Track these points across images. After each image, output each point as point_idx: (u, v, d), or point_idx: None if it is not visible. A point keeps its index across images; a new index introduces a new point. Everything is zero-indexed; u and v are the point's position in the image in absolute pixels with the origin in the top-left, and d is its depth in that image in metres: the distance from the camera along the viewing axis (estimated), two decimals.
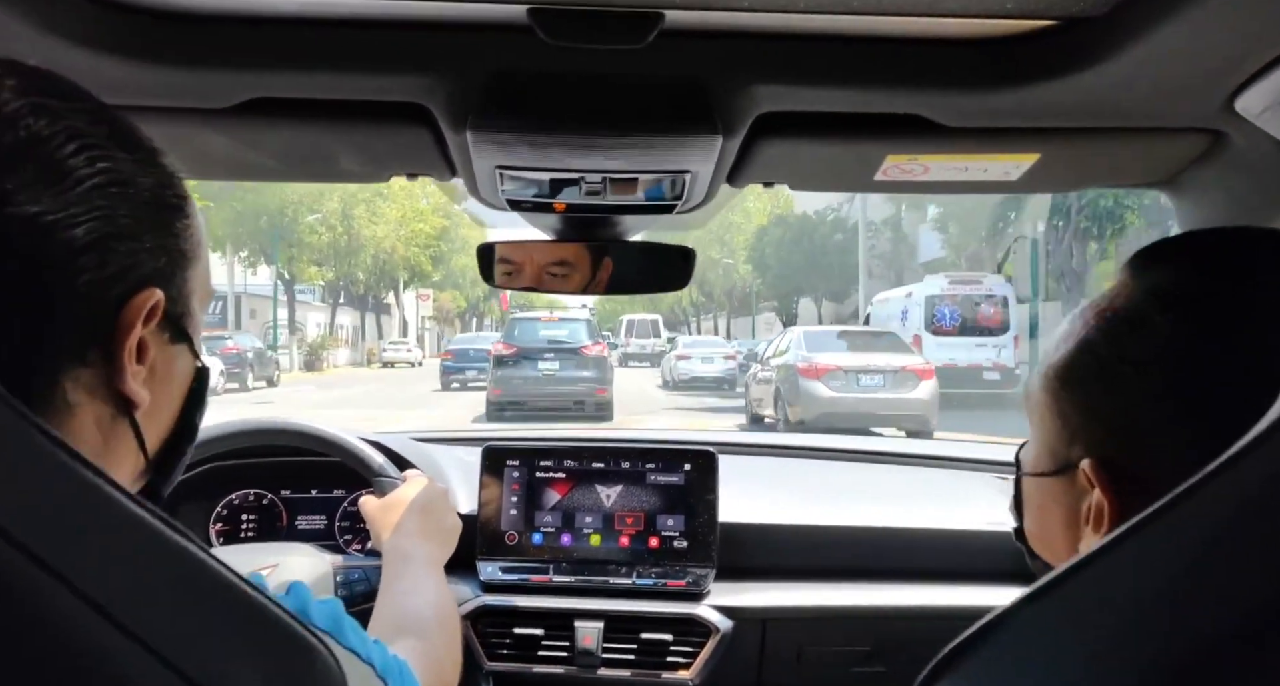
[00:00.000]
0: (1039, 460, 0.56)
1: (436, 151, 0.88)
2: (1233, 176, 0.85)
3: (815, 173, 0.98)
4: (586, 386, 11.73)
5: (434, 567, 0.98)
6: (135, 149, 0.48)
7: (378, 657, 0.55)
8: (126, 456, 0.50)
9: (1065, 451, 0.52)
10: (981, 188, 0.97)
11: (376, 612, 0.86)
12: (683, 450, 1.36)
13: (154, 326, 0.48)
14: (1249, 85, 0.70)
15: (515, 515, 1.35)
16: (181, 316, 0.51)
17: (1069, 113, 0.79)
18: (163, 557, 0.38)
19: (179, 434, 0.54)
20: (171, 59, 0.72)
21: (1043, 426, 0.55)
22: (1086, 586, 0.33)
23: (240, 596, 0.40)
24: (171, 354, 0.51)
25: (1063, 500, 0.53)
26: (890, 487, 1.59)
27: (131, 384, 0.47)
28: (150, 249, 0.48)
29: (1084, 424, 0.51)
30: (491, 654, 1.26)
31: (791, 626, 1.28)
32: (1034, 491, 0.57)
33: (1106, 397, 0.50)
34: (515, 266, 1.20)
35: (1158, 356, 0.47)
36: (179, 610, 0.37)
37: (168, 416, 0.52)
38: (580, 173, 0.90)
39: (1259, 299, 0.47)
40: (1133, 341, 0.49)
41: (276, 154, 0.92)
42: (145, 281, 0.47)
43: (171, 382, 0.52)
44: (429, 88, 0.76)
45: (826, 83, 0.76)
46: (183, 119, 0.80)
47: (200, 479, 1.41)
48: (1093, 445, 0.50)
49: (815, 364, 9.59)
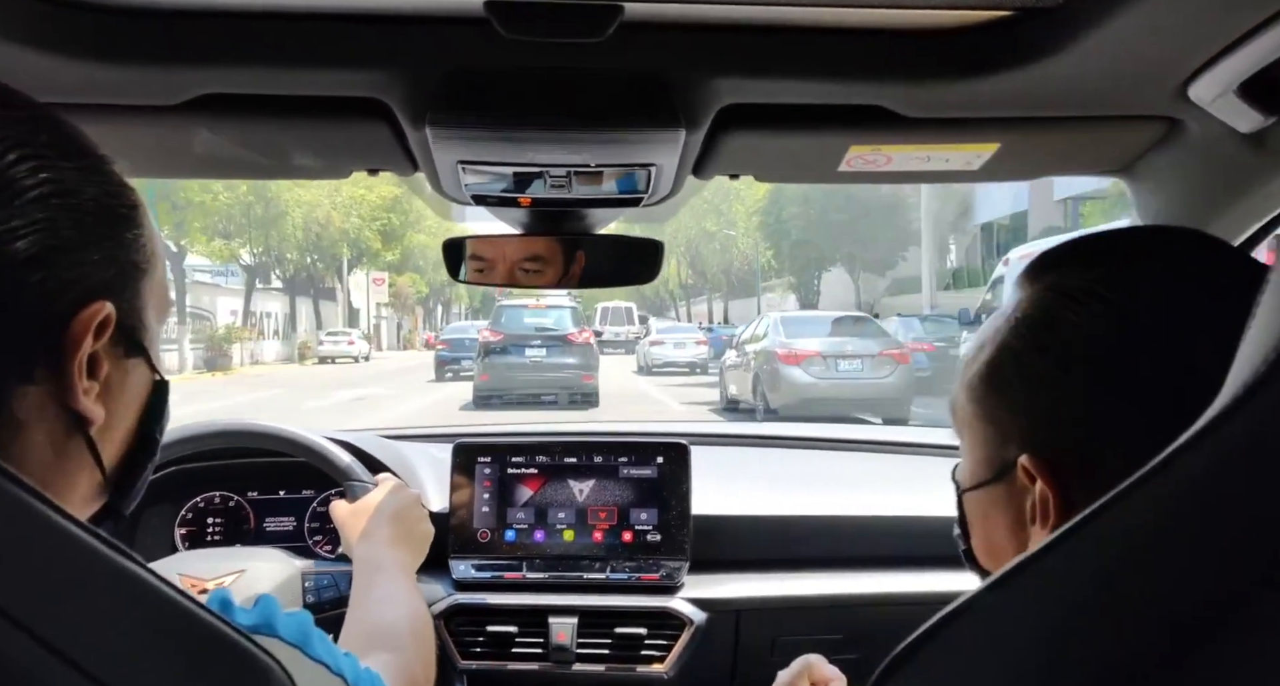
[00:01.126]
0: (976, 471, 0.56)
1: (396, 147, 0.86)
2: (1188, 163, 0.86)
3: (780, 164, 0.98)
4: (573, 374, 11.74)
5: (406, 575, 0.97)
6: (79, 156, 0.47)
7: (349, 670, 0.55)
8: (82, 474, 0.48)
9: (1000, 454, 0.53)
10: (944, 177, 0.98)
11: (348, 624, 0.84)
12: (655, 443, 1.36)
13: (106, 341, 0.47)
14: (1202, 72, 0.71)
15: (487, 512, 1.34)
16: (135, 329, 0.50)
17: (1028, 102, 0.79)
18: (103, 580, 0.36)
19: (138, 450, 0.53)
20: (117, 55, 0.70)
21: (974, 436, 0.56)
22: (1042, 575, 0.33)
23: (186, 618, 0.39)
24: (126, 368, 0.50)
25: (1005, 505, 0.53)
26: (861, 475, 1.61)
27: (83, 400, 0.45)
28: (97, 261, 0.46)
29: (1015, 422, 0.52)
30: (465, 652, 1.25)
31: (765, 617, 1.28)
32: (975, 505, 0.57)
33: (1032, 393, 0.51)
34: (486, 262, 1.19)
35: (1073, 347, 0.49)
36: (118, 633, 0.36)
37: (124, 432, 0.51)
38: (543, 167, 0.89)
39: (1153, 286, 0.49)
40: (1049, 337, 0.50)
41: (230, 151, 0.90)
42: (93, 294, 0.46)
43: (127, 397, 0.51)
44: (386, 83, 0.75)
45: (788, 74, 0.76)
46: (131, 117, 0.78)
47: (164, 482, 1.38)
48: (1027, 442, 0.51)
49: (794, 350, 9.52)
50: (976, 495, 0.56)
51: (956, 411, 0.58)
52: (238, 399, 13.90)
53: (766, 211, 25.55)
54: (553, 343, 11.93)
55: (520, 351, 11.84)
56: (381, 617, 0.85)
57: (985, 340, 0.55)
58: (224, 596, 0.50)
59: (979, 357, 0.55)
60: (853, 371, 9.44)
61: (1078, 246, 0.55)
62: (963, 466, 0.59)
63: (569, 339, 11.97)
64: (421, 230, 33.16)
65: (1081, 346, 0.49)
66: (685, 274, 37.48)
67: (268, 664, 0.43)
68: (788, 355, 9.48)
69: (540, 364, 11.77)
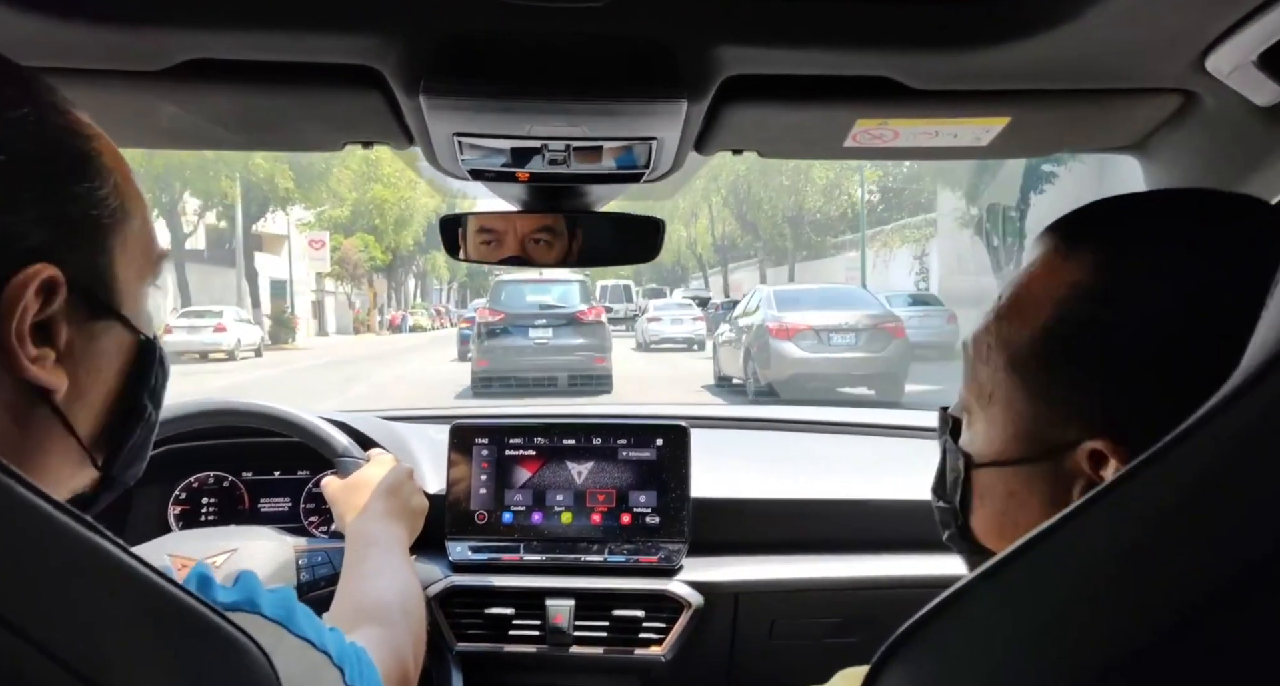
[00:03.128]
0: (1005, 446, 0.51)
1: (391, 117, 0.84)
2: (1203, 138, 0.84)
3: (784, 138, 0.96)
4: (584, 356, 10.31)
5: (399, 550, 0.96)
6: (15, 107, 0.43)
7: (333, 645, 0.53)
8: (55, 445, 0.46)
9: (1050, 433, 0.48)
10: (952, 153, 0.95)
11: (337, 598, 0.83)
12: (655, 425, 1.34)
13: (62, 305, 0.44)
14: (1220, 43, 0.69)
15: (485, 494, 1.33)
16: (101, 290, 0.47)
17: (1039, 74, 0.77)
18: (66, 555, 0.35)
19: (122, 415, 0.50)
20: (102, 17, 0.67)
21: (1009, 410, 0.51)
22: (1039, 562, 0.32)
23: (159, 596, 0.38)
24: (94, 332, 0.47)
25: (1044, 486, 0.49)
26: (862, 459, 1.60)
27: (32, 369, 0.43)
28: (34, 219, 0.43)
29: (1080, 403, 0.47)
30: (461, 634, 1.24)
31: (764, 600, 1.27)
32: (998, 482, 0.53)
33: (1113, 374, 0.46)
34: (483, 240, 1.17)
35: (1162, 324, 0.45)
36: (85, 611, 0.34)
37: (101, 398, 0.48)
38: (542, 140, 0.87)
39: (1235, 252, 0.45)
40: (1133, 311, 0.45)
41: (218, 120, 0.87)
42: (31, 256, 0.42)
43: (98, 362, 0.48)
44: (379, 49, 0.72)
45: (793, 43, 0.74)
46: (116, 82, 0.76)
47: (157, 461, 1.36)
48: (1098, 426, 0.46)
49: (785, 323, 9.25)
50: (1003, 471, 0.52)
51: (980, 380, 0.53)
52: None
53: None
54: (560, 322, 10.43)
55: (524, 332, 10.35)
56: (371, 591, 0.84)
57: (1025, 303, 0.51)
58: (202, 572, 0.48)
59: (1024, 325, 0.50)
60: (846, 345, 9.15)
61: (1126, 207, 0.51)
62: (979, 436, 0.54)
63: (578, 317, 10.47)
64: (379, 180, 27.16)
65: (1167, 325, 0.44)
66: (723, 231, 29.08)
67: (244, 643, 0.41)
68: (779, 329, 9.23)
69: (546, 346, 10.30)
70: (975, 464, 0.55)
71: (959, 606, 0.33)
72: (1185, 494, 0.28)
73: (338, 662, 0.52)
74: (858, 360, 9.15)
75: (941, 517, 0.59)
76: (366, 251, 30.65)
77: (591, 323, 10.51)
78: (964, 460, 0.56)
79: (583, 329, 10.44)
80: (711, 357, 12.06)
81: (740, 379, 10.27)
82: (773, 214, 24.91)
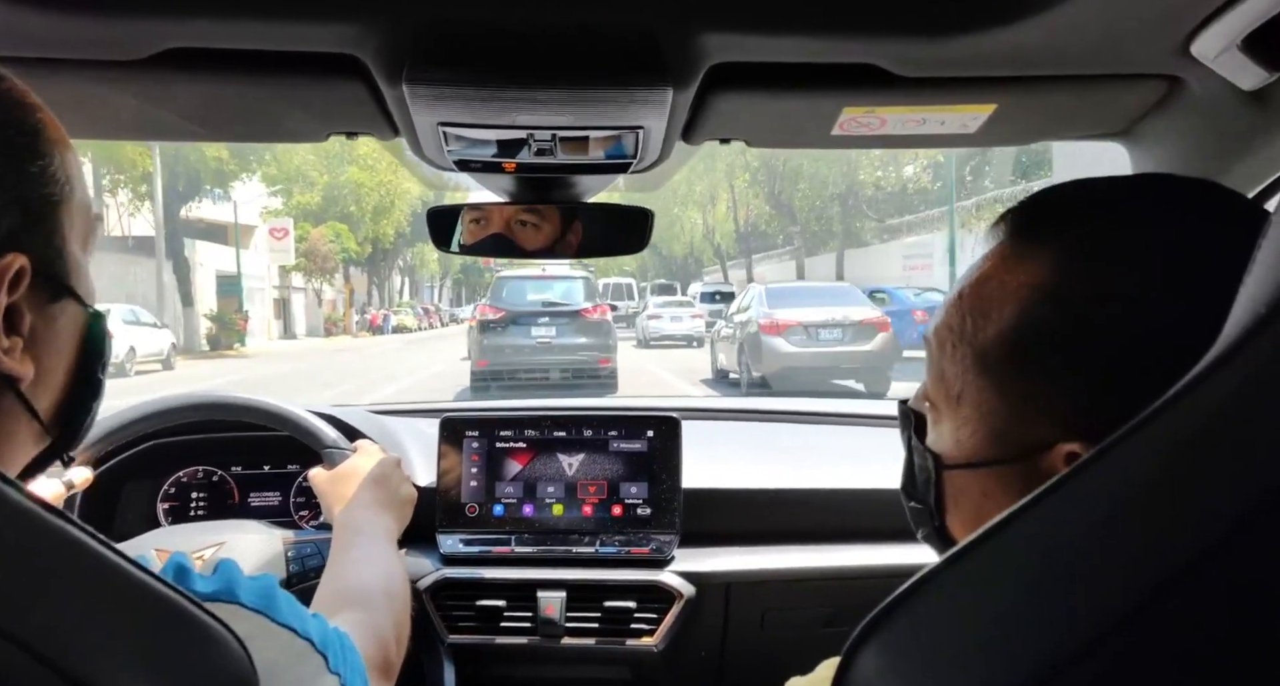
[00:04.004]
0: (976, 447, 0.50)
1: (374, 107, 0.84)
2: (1190, 124, 0.84)
3: (771, 127, 0.96)
4: (588, 356, 10.01)
5: (386, 538, 0.96)
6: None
7: (315, 631, 0.53)
8: (18, 428, 0.46)
9: (1022, 433, 0.47)
10: (940, 141, 0.95)
11: (321, 585, 0.82)
12: (645, 417, 1.34)
13: (24, 291, 0.43)
14: (1204, 27, 0.68)
15: (475, 486, 1.32)
16: (58, 269, 0.46)
17: (1025, 60, 0.77)
18: (33, 541, 0.34)
19: (79, 392, 0.49)
20: (79, 6, 0.66)
21: (978, 409, 0.49)
22: (1002, 548, 0.31)
23: (134, 587, 0.37)
24: (53, 314, 0.46)
25: (1018, 487, 0.47)
26: (853, 449, 1.60)
27: (5, 361, 0.42)
28: (1, 206, 0.42)
29: (1051, 403, 0.46)
30: (452, 627, 1.24)
31: (755, 590, 1.28)
32: (972, 483, 0.51)
33: (1081, 375, 0.44)
34: (473, 232, 1.17)
35: (1129, 321, 0.43)
36: (58, 602, 0.34)
37: (60, 377, 0.48)
38: (528, 130, 0.86)
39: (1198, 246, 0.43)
40: (1098, 312, 0.44)
41: (196, 111, 0.86)
42: (1, 248, 0.41)
43: (58, 343, 0.47)
44: (360, 37, 0.72)
45: (779, 31, 0.74)
46: (90, 73, 0.75)
47: (145, 456, 1.36)
48: (1070, 426, 0.45)
49: (776, 320, 9.76)
50: (976, 472, 0.50)
51: (947, 378, 0.51)
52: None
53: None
54: (563, 319, 10.12)
55: (525, 331, 10.01)
56: (354, 576, 0.84)
57: (986, 301, 0.49)
58: (179, 562, 0.48)
59: (989, 325, 0.48)
60: (833, 339, 9.66)
61: (1077, 198, 0.49)
62: (947, 437, 0.52)
63: (582, 315, 10.15)
64: (354, 161, 24.60)
65: (1136, 322, 0.43)
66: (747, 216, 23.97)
67: (220, 633, 0.41)
68: (769, 325, 9.73)
69: (550, 345, 10.00)
70: (946, 465, 0.52)
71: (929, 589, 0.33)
72: (1155, 470, 0.28)
73: (320, 649, 0.52)
74: (845, 354, 9.61)
75: (915, 518, 0.57)
76: (339, 241, 26.24)
77: (596, 321, 10.23)
78: (934, 461, 0.53)
79: (587, 327, 10.15)
80: (709, 353, 12.43)
81: (736, 373, 10.58)
82: (814, 192, 20.20)
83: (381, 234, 28.27)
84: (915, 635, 0.33)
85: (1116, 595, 0.27)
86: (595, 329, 10.15)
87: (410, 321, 31.39)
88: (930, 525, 0.55)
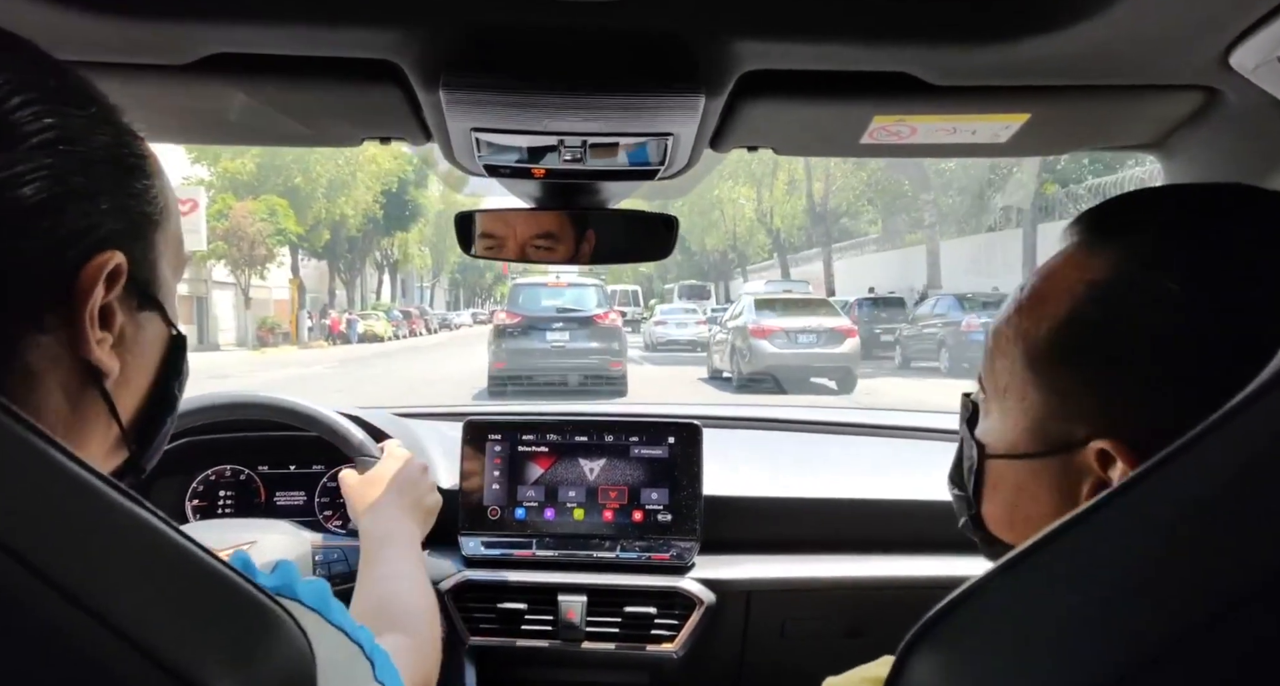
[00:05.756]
0: (1018, 439, 0.51)
1: (409, 113, 0.85)
2: (1226, 136, 0.83)
3: (801, 135, 0.96)
4: (600, 359, 10.61)
5: (413, 547, 0.97)
6: (87, 104, 0.46)
7: (365, 640, 0.54)
8: (98, 427, 0.48)
9: (1061, 429, 0.48)
10: (970, 151, 0.95)
11: (357, 598, 0.84)
12: (667, 423, 1.34)
13: (119, 292, 0.46)
14: (1245, 38, 0.68)
15: (498, 490, 1.33)
16: (149, 282, 0.49)
17: (1059, 69, 0.76)
18: (123, 531, 0.36)
19: (156, 404, 0.52)
20: (127, 11, 0.68)
21: (1023, 403, 0.50)
22: (1061, 556, 0.31)
23: (211, 574, 0.39)
24: (140, 321, 0.49)
25: (1055, 481, 0.48)
26: (874, 459, 1.59)
27: (96, 351, 0.45)
28: (107, 210, 0.45)
29: (1088, 401, 0.46)
30: (474, 629, 1.25)
31: (775, 599, 1.27)
32: (1009, 474, 0.52)
33: (1120, 375, 0.45)
34: (497, 237, 1.17)
35: (1170, 330, 0.44)
36: (141, 585, 0.36)
37: (142, 386, 0.51)
38: (559, 136, 0.87)
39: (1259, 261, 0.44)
40: (1141, 316, 0.44)
41: (239, 114, 0.88)
42: (104, 243, 0.45)
43: (143, 351, 0.50)
44: (399, 44, 0.73)
45: (811, 38, 0.74)
46: (139, 76, 0.76)
47: (175, 453, 1.38)
48: (1104, 424, 0.45)
49: (762, 325, 11.84)
50: (1013, 464, 0.52)
51: (997, 371, 0.53)
52: None
53: None
54: (576, 325, 10.75)
55: (541, 335, 10.64)
56: (395, 595, 0.86)
57: (1045, 297, 0.50)
58: (245, 558, 0.50)
59: (1042, 320, 0.50)
60: (809, 343, 11.76)
61: (1153, 202, 0.50)
62: (993, 428, 0.54)
63: (595, 320, 10.81)
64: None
65: (1180, 330, 0.43)
66: (827, 190, 18.43)
67: (288, 623, 0.42)
68: (757, 329, 11.78)
69: (564, 349, 10.58)
70: (988, 454, 0.54)
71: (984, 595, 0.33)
72: (1219, 486, 0.28)
73: (369, 655, 0.53)
74: (818, 355, 11.75)
75: (956, 505, 0.59)
76: (273, 220, 19.79)
77: (607, 326, 10.87)
78: (978, 449, 0.55)
79: (598, 332, 10.79)
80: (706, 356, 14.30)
81: (729, 372, 12.38)
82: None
83: (340, 215, 22.11)
84: (970, 641, 0.33)
85: (1185, 608, 0.27)
86: (606, 333, 10.84)
87: (382, 328, 25.91)
88: (967, 512, 0.57)
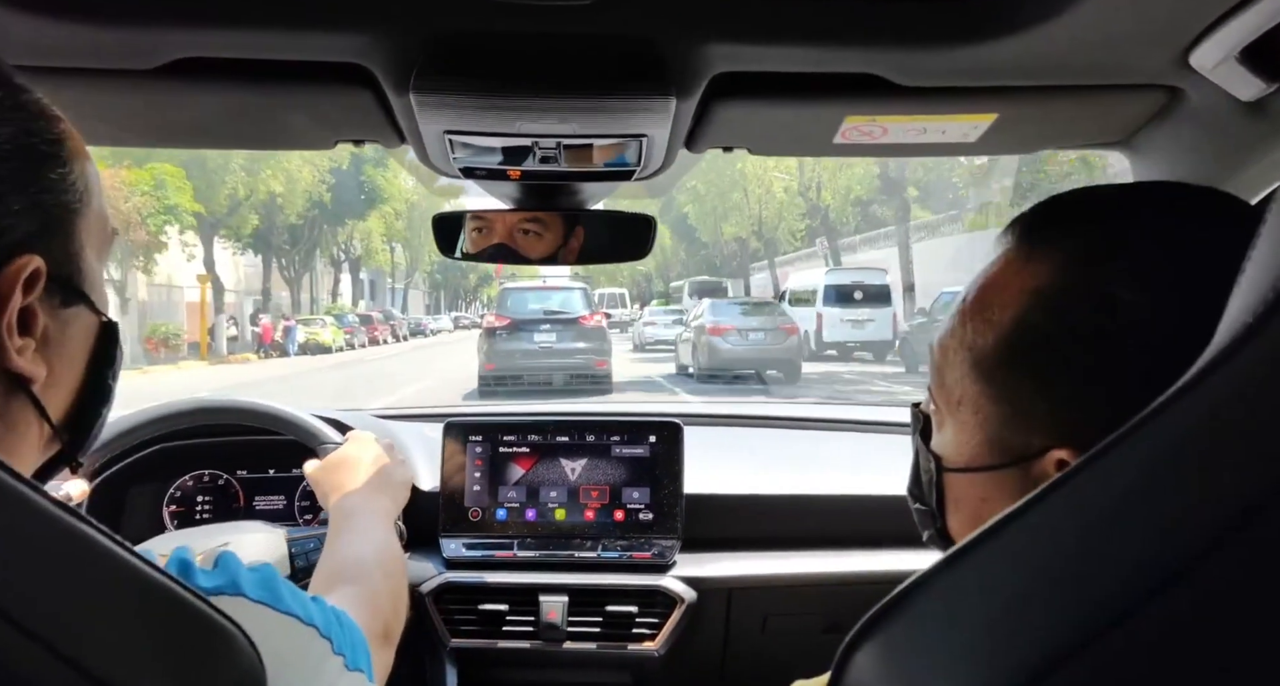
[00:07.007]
0: (975, 452, 0.50)
1: (382, 116, 0.84)
2: (1189, 134, 0.84)
3: (774, 135, 0.96)
4: (585, 359, 11.06)
5: (382, 519, 0.95)
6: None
7: (318, 617, 0.54)
8: (29, 431, 0.47)
9: (1017, 439, 0.47)
10: (941, 150, 0.96)
11: (317, 568, 0.83)
12: (648, 422, 1.35)
13: (39, 293, 0.44)
14: (1203, 38, 0.69)
15: (479, 490, 1.33)
16: (71, 276, 0.47)
17: (1025, 70, 0.77)
18: (47, 540, 0.35)
19: (89, 396, 0.50)
20: (92, 16, 0.67)
21: (976, 415, 0.49)
22: (997, 549, 0.32)
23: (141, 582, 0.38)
24: (65, 318, 0.47)
25: (1014, 492, 0.47)
26: (855, 455, 1.60)
27: (17, 360, 0.43)
28: (19, 211, 0.43)
29: (1045, 411, 0.45)
30: (455, 630, 1.25)
31: (757, 595, 1.28)
32: (971, 488, 0.51)
33: (1076, 383, 0.44)
34: (477, 239, 1.17)
35: (1125, 334, 0.43)
36: (68, 597, 0.35)
37: (71, 381, 0.49)
38: (533, 138, 0.87)
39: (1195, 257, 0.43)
40: (1093, 320, 0.44)
41: (207, 119, 0.87)
42: (17, 248, 0.42)
43: (70, 347, 0.48)
44: (369, 47, 0.73)
45: (782, 41, 0.74)
46: (106, 81, 0.76)
47: (151, 460, 1.37)
48: (1063, 434, 0.45)
49: (718, 324, 13.50)
50: (974, 477, 0.50)
51: (948, 384, 0.51)
52: None
53: None
54: (563, 326, 11.19)
55: (529, 336, 11.05)
56: (348, 553, 0.84)
57: (988, 305, 0.49)
58: (182, 557, 0.49)
59: (988, 329, 0.48)
60: (758, 340, 13.47)
61: (1088, 203, 0.49)
62: (949, 441, 0.52)
63: (580, 322, 11.25)
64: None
65: (1124, 332, 0.43)
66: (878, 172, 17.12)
67: (227, 628, 0.42)
68: (713, 328, 13.41)
69: (551, 349, 10.99)
70: (947, 468, 0.53)
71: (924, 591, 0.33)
72: (1140, 478, 0.28)
73: (325, 633, 0.53)
74: (766, 350, 13.47)
75: (920, 519, 0.58)
76: (156, 194, 15.65)
77: (593, 327, 11.38)
78: (935, 462, 0.54)
79: (584, 333, 11.28)
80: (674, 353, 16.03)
81: (693, 368, 13.94)
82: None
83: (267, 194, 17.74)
84: (912, 637, 0.34)
85: (1107, 597, 0.28)
86: (592, 334, 11.37)
87: (329, 336, 21.70)
88: (933, 527, 0.56)
